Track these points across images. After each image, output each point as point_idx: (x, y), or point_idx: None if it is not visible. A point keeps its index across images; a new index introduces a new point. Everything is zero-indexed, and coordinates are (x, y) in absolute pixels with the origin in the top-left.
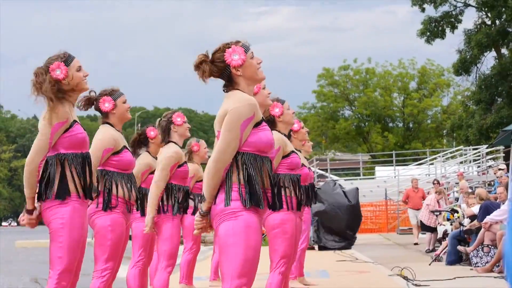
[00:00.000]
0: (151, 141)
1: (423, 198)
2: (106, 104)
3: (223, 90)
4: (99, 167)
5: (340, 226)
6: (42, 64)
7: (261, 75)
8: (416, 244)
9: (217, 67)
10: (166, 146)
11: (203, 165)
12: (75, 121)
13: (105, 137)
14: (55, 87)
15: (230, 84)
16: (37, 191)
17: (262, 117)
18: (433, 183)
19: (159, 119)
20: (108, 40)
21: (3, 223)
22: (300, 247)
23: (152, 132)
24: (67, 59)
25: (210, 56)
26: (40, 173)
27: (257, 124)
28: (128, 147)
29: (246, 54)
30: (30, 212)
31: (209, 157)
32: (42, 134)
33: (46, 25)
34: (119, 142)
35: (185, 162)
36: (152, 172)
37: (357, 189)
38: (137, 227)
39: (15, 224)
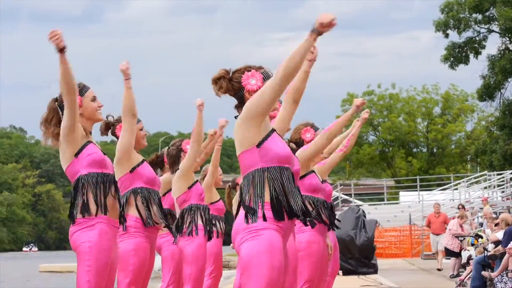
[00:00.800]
0: (166, 166)
1: (445, 223)
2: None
3: (236, 116)
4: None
5: (354, 251)
6: (57, 94)
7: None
8: (439, 269)
9: (233, 86)
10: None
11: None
12: (89, 141)
13: None
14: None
15: (240, 106)
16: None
17: (273, 128)
18: (458, 208)
19: (167, 147)
20: (132, 66)
21: (24, 249)
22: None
23: None
24: (81, 89)
25: (230, 73)
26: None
27: (269, 135)
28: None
29: (263, 82)
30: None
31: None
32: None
33: (69, 51)
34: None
35: (197, 181)
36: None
37: (376, 221)
38: (168, 250)
39: (36, 249)
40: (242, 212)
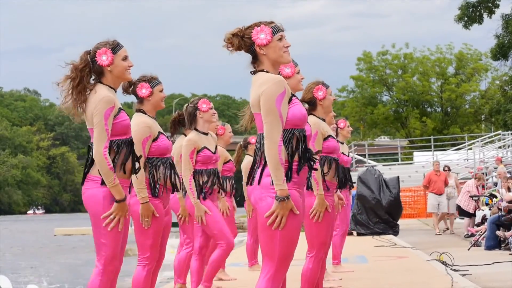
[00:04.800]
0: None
1: (445, 182)
2: (143, 90)
3: (251, 71)
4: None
5: (381, 213)
6: (91, 49)
7: (287, 58)
8: (445, 230)
9: (245, 42)
10: (182, 137)
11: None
12: (120, 108)
13: (140, 127)
14: (81, 87)
15: (255, 61)
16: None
17: (292, 93)
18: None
19: (187, 104)
20: (144, 29)
21: (28, 212)
22: (339, 232)
23: None
24: (115, 47)
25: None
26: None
27: (289, 100)
28: (163, 133)
29: (273, 36)
30: (120, 201)
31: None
32: (97, 123)
33: (82, 14)
34: (154, 129)
35: (205, 147)
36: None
37: (398, 178)
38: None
39: (41, 212)
40: (259, 171)
